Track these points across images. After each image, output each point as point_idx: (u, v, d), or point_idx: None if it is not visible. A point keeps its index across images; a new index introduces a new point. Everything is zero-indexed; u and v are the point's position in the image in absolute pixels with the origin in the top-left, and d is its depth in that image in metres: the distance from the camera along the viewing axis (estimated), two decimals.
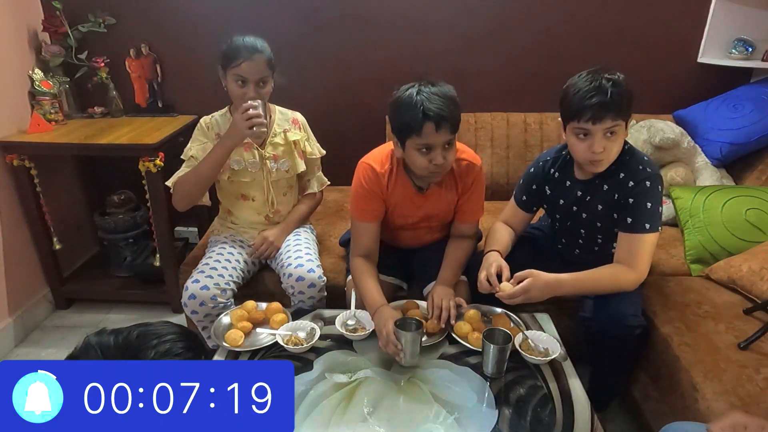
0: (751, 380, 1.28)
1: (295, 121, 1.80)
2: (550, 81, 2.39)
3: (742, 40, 2.25)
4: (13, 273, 2.13)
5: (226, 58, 1.55)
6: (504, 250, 1.54)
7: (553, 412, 1.18)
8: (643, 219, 1.39)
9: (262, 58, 1.56)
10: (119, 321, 2.28)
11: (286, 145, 1.74)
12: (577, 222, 1.56)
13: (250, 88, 1.56)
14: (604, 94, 1.28)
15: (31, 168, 2.09)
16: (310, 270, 1.63)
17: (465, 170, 1.55)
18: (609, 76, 1.30)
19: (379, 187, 1.53)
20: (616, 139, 1.35)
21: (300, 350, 1.36)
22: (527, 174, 1.64)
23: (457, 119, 1.37)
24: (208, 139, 1.69)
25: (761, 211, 1.80)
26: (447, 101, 1.34)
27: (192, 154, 1.68)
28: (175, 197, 1.69)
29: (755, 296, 1.56)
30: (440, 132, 1.33)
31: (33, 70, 2.20)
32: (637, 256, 1.41)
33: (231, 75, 1.56)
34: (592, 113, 1.29)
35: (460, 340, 1.39)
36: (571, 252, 1.66)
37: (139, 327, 0.85)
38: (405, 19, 2.32)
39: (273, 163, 1.72)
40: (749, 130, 2.11)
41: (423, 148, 1.37)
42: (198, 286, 1.56)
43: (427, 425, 1.14)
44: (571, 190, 1.53)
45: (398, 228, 1.67)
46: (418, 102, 1.32)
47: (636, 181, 1.40)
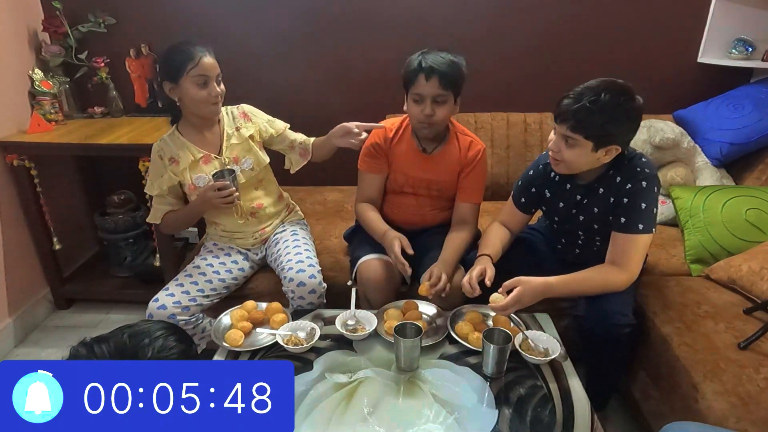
0: (751, 380, 1.28)
1: (243, 114, 1.73)
2: (550, 81, 2.42)
3: (742, 40, 2.25)
4: (13, 273, 2.13)
5: (176, 66, 1.50)
6: (495, 255, 1.55)
7: (553, 412, 1.18)
8: (637, 219, 1.39)
9: (212, 55, 1.55)
10: (119, 321, 2.27)
11: (242, 143, 1.69)
12: (575, 224, 1.56)
13: (211, 86, 1.53)
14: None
15: (31, 168, 2.09)
16: (312, 276, 1.62)
17: (469, 145, 1.69)
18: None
19: (384, 140, 1.70)
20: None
21: (300, 350, 1.36)
22: (526, 176, 1.64)
23: (450, 76, 1.51)
24: (163, 170, 1.63)
25: (761, 211, 1.80)
26: (445, 60, 1.52)
27: (157, 193, 1.65)
28: (163, 231, 1.77)
29: (755, 296, 1.56)
30: (429, 82, 1.51)
31: (33, 70, 2.20)
32: (629, 257, 1.41)
33: (189, 79, 1.51)
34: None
35: (460, 340, 1.39)
36: (571, 252, 1.66)
37: (125, 330, 0.85)
38: (405, 19, 2.32)
39: (235, 167, 1.66)
40: (749, 130, 2.11)
41: (416, 98, 1.55)
42: (156, 305, 1.55)
43: (427, 425, 1.14)
44: (571, 194, 1.53)
45: (401, 190, 1.74)
46: (418, 56, 1.54)
47: (632, 182, 1.40)
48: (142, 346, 0.83)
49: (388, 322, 1.42)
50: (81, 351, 0.81)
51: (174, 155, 1.63)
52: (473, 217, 1.73)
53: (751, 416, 1.20)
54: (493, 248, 1.56)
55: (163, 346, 0.84)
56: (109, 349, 0.81)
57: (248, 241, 1.79)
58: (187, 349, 0.88)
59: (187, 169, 1.63)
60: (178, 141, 1.64)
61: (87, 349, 0.81)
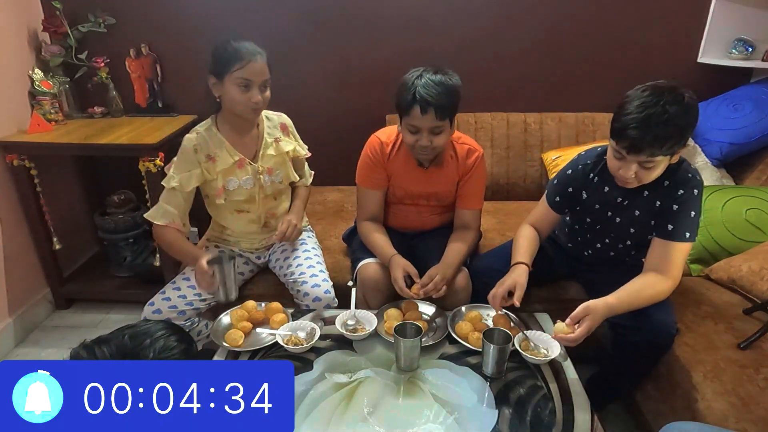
0: (751, 380, 1.28)
1: (283, 126, 1.71)
2: (550, 81, 2.42)
3: (742, 40, 2.25)
4: (13, 273, 2.13)
5: (223, 62, 1.45)
6: (530, 261, 1.51)
7: (553, 412, 1.18)
8: (685, 227, 1.36)
9: (264, 59, 1.49)
10: (119, 321, 2.28)
11: (278, 156, 1.67)
12: (608, 225, 1.52)
13: (254, 91, 1.47)
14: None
15: (31, 168, 2.09)
16: (327, 291, 1.61)
17: (466, 153, 1.64)
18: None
19: (382, 155, 1.65)
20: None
21: (300, 350, 1.36)
22: (563, 176, 1.56)
23: (446, 108, 1.44)
24: (195, 165, 1.54)
25: (761, 211, 1.80)
26: (440, 89, 1.42)
27: (174, 185, 1.53)
28: (155, 238, 1.64)
29: (755, 296, 1.56)
30: (425, 116, 1.44)
31: (33, 70, 2.20)
32: (674, 264, 1.37)
33: (232, 80, 1.45)
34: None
35: (460, 340, 1.39)
36: (580, 252, 1.64)
37: (126, 330, 0.85)
38: (405, 19, 2.32)
39: (267, 177, 1.65)
40: (749, 130, 2.11)
41: (412, 129, 1.49)
42: (151, 309, 1.52)
43: (427, 425, 1.14)
44: (610, 195, 1.48)
45: (401, 202, 1.72)
46: (412, 86, 1.44)
47: (685, 188, 1.36)
48: (144, 347, 0.82)
49: (388, 322, 1.43)
50: (82, 353, 0.80)
51: (211, 153, 1.56)
52: (476, 221, 1.71)
53: (751, 416, 1.20)
54: (528, 255, 1.51)
55: (165, 346, 0.84)
56: (110, 351, 0.81)
57: (254, 245, 1.78)
58: (188, 349, 0.88)
59: (223, 171, 1.58)
60: (216, 137, 1.57)
61: (87, 351, 0.81)
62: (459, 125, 2.29)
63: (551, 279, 1.74)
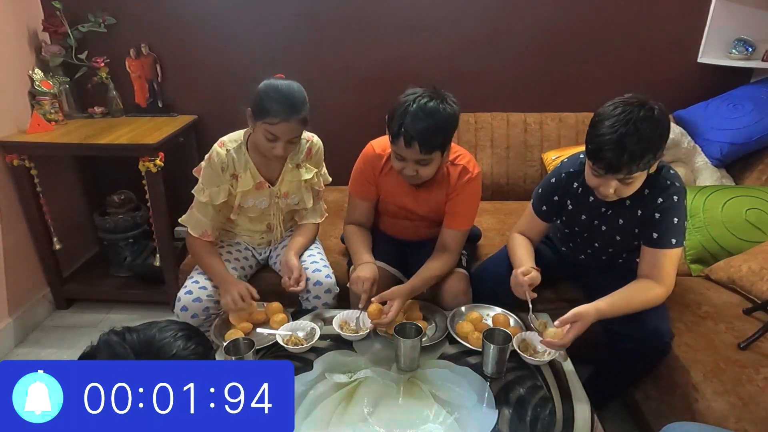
0: (751, 380, 1.28)
1: (308, 151, 1.66)
2: (550, 81, 2.42)
3: (742, 40, 2.25)
4: (13, 273, 2.13)
5: (259, 109, 1.42)
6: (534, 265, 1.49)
7: (553, 412, 1.18)
8: (670, 234, 1.36)
9: (298, 119, 1.44)
10: (119, 321, 2.28)
11: (297, 182, 1.65)
12: (595, 234, 1.52)
13: (279, 145, 1.45)
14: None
15: (31, 168, 2.09)
16: (327, 276, 1.62)
17: (458, 174, 1.56)
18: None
19: (374, 169, 1.61)
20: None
21: (300, 350, 1.36)
22: (548, 184, 1.56)
23: (431, 142, 1.37)
24: (222, 180, 1.55)
25: (761, 211, 1.80)
26: (430, 122, 1.35)
27: (204, 200, 1.56)
28: (188, 245, 1.66)
29: (755, 296, 1.56)
30: (409, 149, 1.38)
31: (33, 70, 2.20)
32: (664, 271, 1.37)
33: (262, 128, 1.44)
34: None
35: (460, 340, 1.39)
36: (575, 256, 1.64)
37: (155, 324, 0.86)
38: (405, 19, 2.32)
39: (283, 200, 1.67)
40: (749, 130, 2.11)
41: (398, 157, 1.44)
42: (190, 297, 1.51)
43: (427, 425, 1.14)
44: (594, 205, 1.48)
45: (394, 216, 1.71)
46: (402, 113, 1.37)
47: (664, 197, 1.36)
48: (168, 342, 0.83)
49: (372, 307, 1.41)
50: (112, 337, 0.81)
51: (236, 172, 1.57)
52: (456, 245, 1.60)
53: (751, 416, 1.20)
54: (531, 261, 1.48)
55: (186, 345, 0.84)
56: (139, 339, 0.82)
57: (255, 241, 1.79)
58: (207, 353, 0.89)
59: (242, 192, 1.58)
60: (243, 158, 1.57)
61: (119, 336, 0.81)
62: (459, 125, 2.29)
63: (551, 280, 1.74)
